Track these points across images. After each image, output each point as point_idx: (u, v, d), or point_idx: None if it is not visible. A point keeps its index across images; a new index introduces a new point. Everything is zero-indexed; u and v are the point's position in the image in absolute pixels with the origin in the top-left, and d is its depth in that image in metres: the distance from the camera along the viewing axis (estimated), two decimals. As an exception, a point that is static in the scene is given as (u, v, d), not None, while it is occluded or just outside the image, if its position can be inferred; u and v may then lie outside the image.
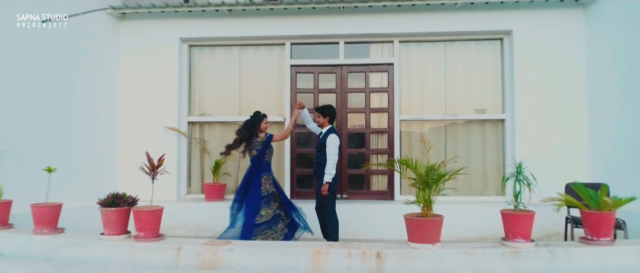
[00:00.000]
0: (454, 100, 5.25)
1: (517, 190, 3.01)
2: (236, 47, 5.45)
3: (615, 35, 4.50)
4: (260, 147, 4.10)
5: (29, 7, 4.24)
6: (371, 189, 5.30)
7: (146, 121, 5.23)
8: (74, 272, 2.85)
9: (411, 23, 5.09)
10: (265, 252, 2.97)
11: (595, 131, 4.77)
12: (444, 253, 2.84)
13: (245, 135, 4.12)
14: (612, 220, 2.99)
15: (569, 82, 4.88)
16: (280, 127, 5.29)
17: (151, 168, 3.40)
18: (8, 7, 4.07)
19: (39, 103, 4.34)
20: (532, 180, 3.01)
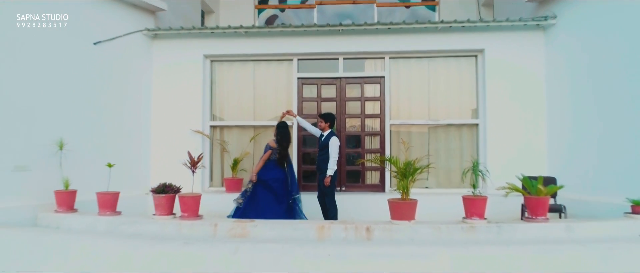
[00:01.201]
0: (436, 107, 6.13)
1: (475, 181, 3.90)
2: (251, 62, 6.34)
3: (569, 54, 5.37)
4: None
5: (82, 32, 5.13)
6: (366, 183, 6.18)
7: (175, 125, 6.10)
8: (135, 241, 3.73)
9: (399, 43, 5.97)
10: (280, 227, 3.85)
11: (553, 134, 5.64)
12: (417, 227, 3.72)
13: (284, 139, 5.12)
14: (546, 203, 3.86)
15: (531, 93, 5.75)
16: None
17: (192, 164, 4.28)
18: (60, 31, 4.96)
19: (91, 111, 5.23)
20: (486, 173, 3.90)
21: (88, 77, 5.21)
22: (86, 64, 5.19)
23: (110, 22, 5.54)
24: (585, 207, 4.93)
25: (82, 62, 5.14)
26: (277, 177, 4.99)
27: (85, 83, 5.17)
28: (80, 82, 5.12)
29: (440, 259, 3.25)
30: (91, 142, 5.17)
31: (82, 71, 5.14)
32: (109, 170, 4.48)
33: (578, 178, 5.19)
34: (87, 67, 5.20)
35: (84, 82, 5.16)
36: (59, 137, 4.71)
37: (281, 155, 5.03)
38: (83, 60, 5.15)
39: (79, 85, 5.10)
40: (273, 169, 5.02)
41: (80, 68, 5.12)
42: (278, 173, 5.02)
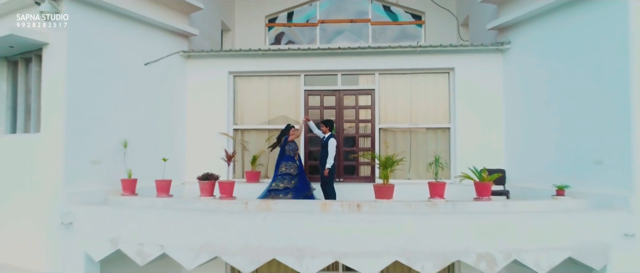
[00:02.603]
0: (416, 114, 7.46)
1: (436, 172, 5.25)
2: (266, 77, 7.68)
3: (521, 71, 6.71)
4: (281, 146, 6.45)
5: (136, 55, 6.49)
6: (359, 175, 7.52)
7: (205, 128, 7.42)
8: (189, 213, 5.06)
9: (386, 62, 7.31)
10: (295, 204, 5.19)
11: (508, 136, 6.96)
12: (394, 204, 5.06)
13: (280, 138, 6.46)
14: (489, 187, 5.19)
15: (492, 103, 7.08)
16: (296, 133, 7.51)
17: (227, 159, 5.63)
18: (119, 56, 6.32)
19: (143, 118, 6.58)
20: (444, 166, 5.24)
21: (141, 91, 6.56)
22: (139, 80, 6.54)
23: (155, 46, 6.88)
24: (530, 192, 6.27)
25: (136, 79, 6.49)
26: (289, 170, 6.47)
27: (139, 96, 6.52)
28: (136, 95, 6.47)
29: (409, 223, 4.60)
30: (144, 143, 6.50)
31: (137, 86, 6.49)
32: (162, 163, 5.84)
33: (526, 170, 6.53)
34: (140, 83, 6.55)
35: (139, 95, 6.51)
36: (123, 138, 6.06)
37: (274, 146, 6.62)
38: (137, 78, 6.50)
39: (135, 98, 6.45)
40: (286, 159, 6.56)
41: (136, 84, 6.47)
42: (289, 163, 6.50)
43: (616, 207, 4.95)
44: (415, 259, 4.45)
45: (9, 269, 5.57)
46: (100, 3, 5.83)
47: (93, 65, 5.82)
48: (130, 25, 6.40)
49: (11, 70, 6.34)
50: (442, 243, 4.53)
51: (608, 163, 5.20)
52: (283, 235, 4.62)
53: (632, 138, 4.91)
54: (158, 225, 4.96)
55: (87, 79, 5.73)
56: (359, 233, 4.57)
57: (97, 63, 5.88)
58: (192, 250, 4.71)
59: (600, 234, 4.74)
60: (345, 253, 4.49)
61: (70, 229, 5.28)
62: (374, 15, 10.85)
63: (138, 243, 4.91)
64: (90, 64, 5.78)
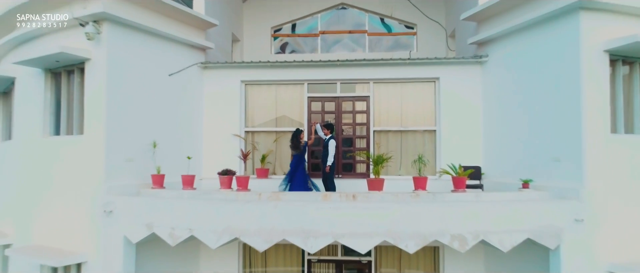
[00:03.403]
0: (406, 118, 8.38)
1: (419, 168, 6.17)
2: (274, 85, 8.60)
3: (497, 81, 7.62)
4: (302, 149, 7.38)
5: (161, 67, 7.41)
6: (356, 172, 8.44)
7: (220, 131, 8.33)
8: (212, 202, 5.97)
9: (380, 72, 8.22)
10: (300, 195, 6.11)
11: (486, 137, 7.85)
12: (384, 195, 5.98)
13: (295, 141, 7.36)
14: (464, 181, 6.10)
15: (472, 108, 7.98)
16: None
17: (243, 157, 6.56)
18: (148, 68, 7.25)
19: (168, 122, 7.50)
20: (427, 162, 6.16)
21: (166, 98, 7.48)
22: (164, 89, 7.46)
23: (176, 59, 7.78)
24: (502, 186, 7.18)
25: (162, 88, 7.41)
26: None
27: (164, 103, 7.44)
28: (162, 102, 7.39)
29: (395, 210, 5.50)
30: (168, 143, 7.42)
31: (162, 94, 7.41)
32: (184, 161, 6.78)
33: (500, 167, 7.45)
34: (165, 91, 7.47)
35: (164, 102, 7.43)
36: (152, 139, 6.99)
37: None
38: (162, 87, 7.42)
39: (161, 104, 7.37)
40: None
41: (161, 92, 7.39)
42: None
43: (569, 197, 5.87)
44: (400, 239, 5.37)
45: (58, 252, 6.49)
46: (133, 23, 6.75)
47: (127, 77, 6.75)
48: (156, 42, 7.32)
49: (54, 80, 7.24)
50: (422, 226, 5.45)
51: (564, 161, 6.12)
52: (291, 220, 5.54)
53: (582, 140, 5.82)
54: (186, 213, 5.88)
55: (122, 89, 6.66)
56: (354, 218, 5.48)
57: (130, 75, 6.80)
58: (215, 232, 5.63)
59: (555, 219, 5.66)
60: (342, 235, 5.40)
61: (110, 216, 6.20)
62: (370, 26, 11.77)
63: (170, 228, 5.84)
64: (125, 76, 6.71)
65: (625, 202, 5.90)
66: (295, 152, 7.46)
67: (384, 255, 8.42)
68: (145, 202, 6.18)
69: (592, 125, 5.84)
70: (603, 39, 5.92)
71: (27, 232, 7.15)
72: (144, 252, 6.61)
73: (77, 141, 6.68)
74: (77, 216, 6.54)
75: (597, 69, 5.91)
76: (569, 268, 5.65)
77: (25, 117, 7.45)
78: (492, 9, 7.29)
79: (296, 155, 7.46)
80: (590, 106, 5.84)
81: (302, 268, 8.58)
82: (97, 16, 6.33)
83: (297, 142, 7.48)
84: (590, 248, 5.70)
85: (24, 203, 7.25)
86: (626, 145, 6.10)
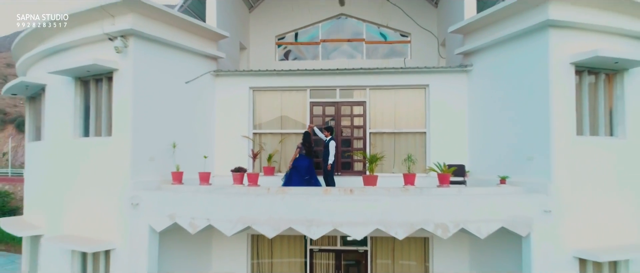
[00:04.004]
0: (399, 121, 9.17)
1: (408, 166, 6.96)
2: (279, 91, 9.39)
3: (481, 88, 8.40)
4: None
5: (179, 76, 8.21)
6: (354, 170, 9.23)
7: (230, 132, 9.12)
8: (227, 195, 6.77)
9: (375, 79, 9.01)
10: (304, 189, 6.91)
11: (471, 138, 8.63)
12: (378, 189, 6.77)
13: (307, 143, 8.17)
14: (448, 177, 6.88)
15: (458, 112, 8.76)
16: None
17: (253, 156, 7.35)
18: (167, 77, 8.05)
19: (185, 125, 8.30)
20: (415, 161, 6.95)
21: (183, 104, 8.28)
22: (181, 95, 8.25)
23: (191, 68, 8.58)
24: (484, 182, 7.95)
25: (179, 94, 8.20)
26: (304, 164, 8.10)
27: (181, 107, 8.23)
28: (179, 107, 8.18)
29: (387, 202, 6.29)
30: (185, 144, 8.21)
31: (180, 100, 8.21)
32: (198, 160, 7.57)
33: (483, 165, 8.24)
34: (182, 97, 8.26)
35: (181, 107, 8.23)
36: (172, 140, 7.79)
37: (308, 151, 8.16)
38: (179, 93, 8.22)
39: (179, 109, 8.16)
40: (303, 159, 8.13)
41: (179, 98, 8.18)
42: (305, 161, 8.12)
43: (539, 191, 6.67)
44: (390, 227, 6.17)
45: (89, 241, 7.28)
46: (155, 38, 7.54)
47: (150, 85, 7.54)
48: (174, 53, 8.11)
49: (83, 87, 8.03)
50: (410, 216, 6.24)
51: (536, 160, 6.91)
52: (296, 210, 6.33)
53: (550, 142, 6.61)
54: (204, 205, 6.68)
55: (146, 96, 7.45)
56: (351, 209, 6.27)
57: (152, 83, 7.60)
58: (230, 221, 6.43)
59: (526, 210, 6.45)
60: (341, 223, 6.20)
61: (137, 208, 6.99)
62: (367, 35, 12.58)
63: (190, 218, 6.64)
64: (148, 84, 7.51)
65: (588, 195, 6.69)
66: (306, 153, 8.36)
67: (378, 245, 9.22)
68: (168, 195, 6.98)
69: (559, 128, 6.63)
70: (569, 52, 6.72)
71: (58, 223, 7.93)
72: (165, 241, 7.40)
73: (105, 142, 7.47)
74: (105, 209, 7.33)
75: (564, 79, 6.70)
76: (538, 253, 6.44)
77: (56, 121, 8.24)
78: (476, 24, 8.08)
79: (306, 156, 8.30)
80: (558, 111, 6.63)
81: (305, 259, 9.37)
82: (125, 32, 7.12)
83: (310, 144, 8.35)
84: (557, 236, 6.49)
85: (54, 197, 8.04)
86: (591, 146, 6.90)
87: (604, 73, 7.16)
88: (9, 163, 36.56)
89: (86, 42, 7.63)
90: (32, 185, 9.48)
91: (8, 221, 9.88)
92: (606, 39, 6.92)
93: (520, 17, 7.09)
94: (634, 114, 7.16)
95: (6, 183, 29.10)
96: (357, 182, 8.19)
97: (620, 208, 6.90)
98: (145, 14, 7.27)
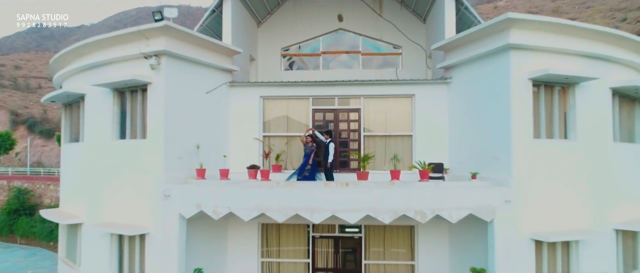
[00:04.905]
0: (389, 125, 10.50)
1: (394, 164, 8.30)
2: (286, 99, 10.72)
3: (459, 97, 9.72)
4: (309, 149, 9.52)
5: (200, 87, 9.56)
6: (350, 167, 10.57)
7: (243, 135, 10.46)
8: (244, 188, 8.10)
9: (369, 90, 10.34)
10: (309, 183, 8.25)
11: (450, 140, 9.95)
12: (369, 183, 8.09)
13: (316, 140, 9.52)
14: (428, 173, 8.21)
15: (439, 118, 10.06)
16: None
17: (265, 155, 8.69)
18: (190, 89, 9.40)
19: (207, 129, 9.63)
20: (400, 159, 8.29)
21: (204, 111, 9.61)
22: (203, 104, 9.58)
23: (211, 81, 9.91)
24: (460, 177, 9.26)
25: (201, 103, 9.53)
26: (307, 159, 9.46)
27: (203, 114, 9.57)
28: (202, 114, 9.52)
29: (375, 192, 7.62)
30: (206, 145, 9.54)
31: (202, 108, 9.54)
32: (218, 159, 8.90)
33: (459, 163, 9.56)
34: (203, 106, 9.59)
35: (203, 114, 9.56)
36: (196, 142, 9.13)
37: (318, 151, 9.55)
38: (201, 102, 9.55)
39: (201, 115, 9.50)
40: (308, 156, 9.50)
41: (201, 106, 9.52)
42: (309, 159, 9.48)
43: (502, 185, 7.99)
44: (378, 213, 7.50)
45: (128, 226, 8.61)
46: (182, 56, 8.86)
47: (178, 95, 8.87)
48: (197, 68, 9.44)
49: (120, 97, 9.37)
50: (394, 204, 7.57)
51: (501, 159, 8.23)
52: (301, 200, 7.66)
53: (511, 144, 7.93)
54: (225, 196, 8.00)
55: (175, 105, 8.77)
56: (346, 199, 7.60)
57: (180, 94, 8.93)
58: (247, 209, 7.76)
59: (490, 200, 7.78)
60: (338, 210, 7.53)
61: (168, 199, 8.32)
62: (363, 47, 13.92)
63: (214, 207, 7.97)
64: (177, 95, 8.84)
65: (544, 188, 8.01)
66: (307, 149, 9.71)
67: (371, 233, 10.55)
68: (194, 188, 8.32)
69: (518, 133, 7.95)
70: (527, 70, 8.04)
71: (97, 213, 9.25)
72: (190, 228, 8.73)
73: (141, 144, 8.81)
74: (140, 200, 8.65)
75: (523, 92, 8.03)
76: (500, 236, 7.78)
77: (95, 125, 9.57)
78: (454, 43, 9.41)
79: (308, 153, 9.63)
80: (517, 119, 7.96)
81: (308, 247, 10.69)
82: (159, 52, 8.45)
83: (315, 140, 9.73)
84: (516, 221, 7.82)
85: (94, 191, 9.37)
86: (546, 147, 8.22)
87: (559, 86, 8.49)
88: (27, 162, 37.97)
89: (123, 59, 8.97)
90: (69, 181, 10.83)
91: (48, 212, 11.26)
92: (559, 59, 8.25)
93: (488, 40, 8.43)
94: (584, 120, 8.47)
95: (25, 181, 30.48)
96: (352, 177, 9.52)
97: (572, 198, 8.22)
98: (175, 37, 8.61)
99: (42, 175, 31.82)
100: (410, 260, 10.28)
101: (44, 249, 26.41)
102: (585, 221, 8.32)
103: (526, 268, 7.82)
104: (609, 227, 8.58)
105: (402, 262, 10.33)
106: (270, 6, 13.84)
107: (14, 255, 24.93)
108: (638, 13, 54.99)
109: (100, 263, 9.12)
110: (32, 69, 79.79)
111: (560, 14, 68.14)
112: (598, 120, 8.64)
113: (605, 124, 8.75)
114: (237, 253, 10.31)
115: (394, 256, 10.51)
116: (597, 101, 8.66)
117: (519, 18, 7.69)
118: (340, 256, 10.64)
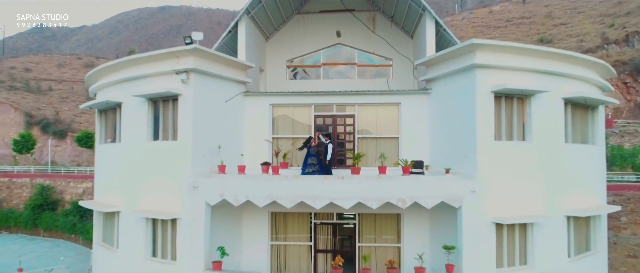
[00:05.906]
0: (380, 128, 12.17)
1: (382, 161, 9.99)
2: (291, 107, 12.39)
3: (437, 105, 11.40)
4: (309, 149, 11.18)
5: (220, 96, 11.27)
6: (346, 164, 12.26)
7: (255, 137, 12.14)
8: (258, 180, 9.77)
9: (362, 99, 12.00)
10: (311, 176, 9.95)
11: (431, 142, 11.62)
12: (360, 177, 9.78)
13: (306, 144, 11.18)
14: (409, 169, 9.88)
15: (422, 123, 11.69)
16: (309, 140, 12.23)
17: (275, 154, 10.39)
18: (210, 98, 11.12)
19: (225, 131, 11.33)
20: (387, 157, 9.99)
21: (224, 116, 11.30)
22: (222, 111, 11.27)
23: (227, 92, 11.59)
24: (437, 173, 10.95)
25: (221, 110, 11.22)
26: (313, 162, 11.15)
27: (223, 119, 11.26)
28: (222, 119, 11.21)
29: (365, 184, 9.31)
30: (226, 146, 11.20)
31: (222, 114, 11.23)
32: (237, 155, 10.61)
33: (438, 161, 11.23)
34: (223, 112, 11.28)
35: (223, 119, 11.25)
36: (217, 143, 10.82)
37: (318, 151, 11.20)
38: (221, 110, 11.23)
39: (221, 120, 11.19)
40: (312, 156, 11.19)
41: (221, 113, 11.21)
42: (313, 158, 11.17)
43: (469, 178, 9.68)
44: (367, 200, 9.18)
45: (161, 212, 10.30)
46: (207, 71, 10.54)
47: (203, 104, 10.57)
48: (218, 81, 11.11)
49: (153, 105, 11.05)
50: (380, 193, 9.26)
51: (469, 157, 9.91)
52: (306, 190, 9.35)
53: (476, 145, 9.61)
54: (243, 187, 9.69)
55: (201, 112, 10.46)
56: (342, 189, 9.29)
57: (205, 103, 10.62)
58: (262, 197, 9.45)
59: (459, 190, 9.46)
60: (335, 198, 9.21)
61: (196, 190, 10.00)
62: (359, 59, 15.62)
63: (234, 195, 9.66)
64: (202, 104, 10.53)
65: (503, 181, 9.69)
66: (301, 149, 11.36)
67: (364, 221, 12.21)
68: (217, 181, 10.01)
69: (482, 135, 9.63)
70: (490, 84, 9.72)
71: (134, 202, 10.94)
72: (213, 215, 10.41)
73: (172, 144, 10.50)
74: (171, 190, 10.33)
75: (486, 102, 9.71)
76: (467, 219, 9.46)
77: (131, 128, 11.26)
78: (433, 60, 11.10)
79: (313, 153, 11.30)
80: (481, 124, 9.64)
81: (310, 233, 12.36)
82: (188, 69, 10.15)
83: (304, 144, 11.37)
84: (480, 208, 9.49)
85: (131, 184, 11.07)
86: (506, 147, 9.91)
87: (517, 97, 10.18)
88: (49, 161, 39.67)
89: (156, 74, 10.67)
90: (104, 176, 12.54)
91: (86, 203, 12.99)
92: (517, 75, 9.93)
93: (459, 60, 10.12)
94: (539, 125, 10.14)
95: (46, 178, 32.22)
96: (347, 172, 11.18)
97: (528, 189, 9.90)
98: (202, 56, 10.31)
99: (62, 173, 33.56)
100: (397, 243, 11.95)
101: (67, 241, 28.14)
102: (539, 208, 10.00)
103: (488, 246, 9.50)
104: (560, 214, 10.26)
105: (390, 244, 12.00)
106: (277, 23, 15.54)
107: (39, 246, 26.66)
108: (625, 19, 56.56)
109: (136, 245, 10.80)
110: (41, 71, 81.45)
111: (552, 18, 69.66)
112: (551, 125, 10.32)
113: (557, 128, 10.43)
114: (251, 237, 11.98)
115: (384, 240, 12.17)
116: (551, 109, 10.33)
117: (482, 43, 9.40)
118: (337, 240, 12.31)
